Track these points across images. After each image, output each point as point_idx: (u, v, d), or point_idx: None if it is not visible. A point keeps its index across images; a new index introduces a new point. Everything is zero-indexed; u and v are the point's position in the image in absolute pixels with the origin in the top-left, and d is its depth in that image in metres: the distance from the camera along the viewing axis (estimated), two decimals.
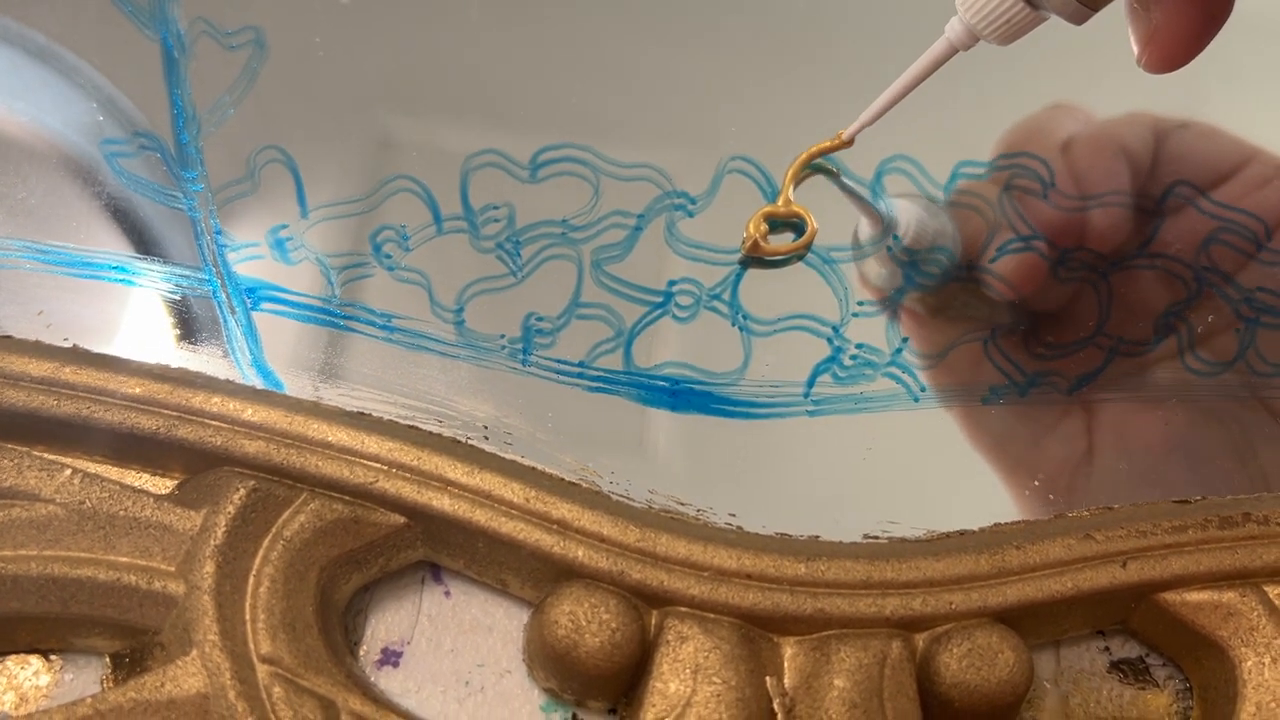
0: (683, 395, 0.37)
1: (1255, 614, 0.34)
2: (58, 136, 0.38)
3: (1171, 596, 0.34)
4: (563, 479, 0.35)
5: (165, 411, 0.33)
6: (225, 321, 0.36)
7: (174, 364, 0.35)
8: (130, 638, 0.32)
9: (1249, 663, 0.34)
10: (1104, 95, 0.40)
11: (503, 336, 0.37)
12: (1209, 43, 0.33)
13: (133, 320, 0.36)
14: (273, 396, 0.35)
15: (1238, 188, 0.41)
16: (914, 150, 0.40)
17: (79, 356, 0.34)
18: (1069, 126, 0.41)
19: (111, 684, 0.32)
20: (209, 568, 0.32)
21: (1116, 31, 0.34)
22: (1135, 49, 0.34)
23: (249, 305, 0.37)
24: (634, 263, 0.38)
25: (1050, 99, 0.41)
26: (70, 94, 0.39)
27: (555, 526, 0.33)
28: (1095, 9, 0.33)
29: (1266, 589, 0.34)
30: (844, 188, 0.40)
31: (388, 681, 0.34)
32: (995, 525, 0.35)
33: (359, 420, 0.34)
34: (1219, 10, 0.33)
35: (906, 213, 0.39)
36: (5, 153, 0.38)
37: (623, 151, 0.40)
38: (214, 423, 0.33)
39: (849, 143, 0.39)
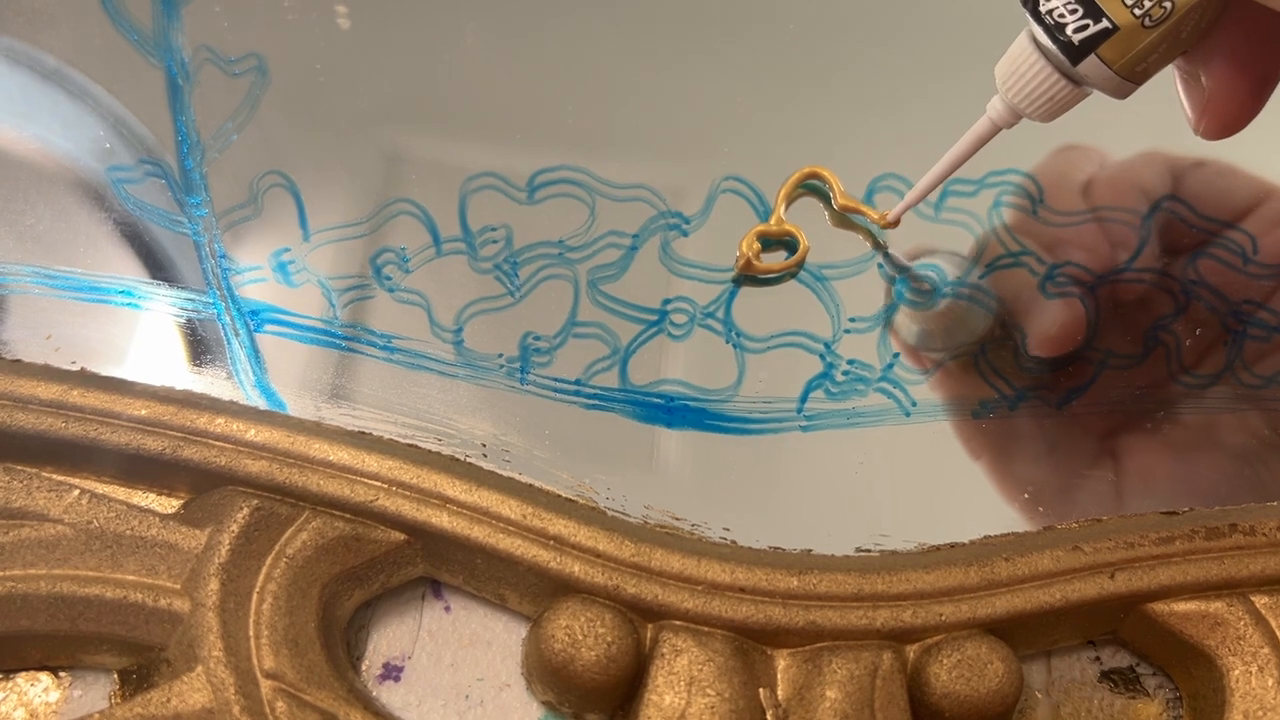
0: (678, 412, 0.38)
1: (1242, 623, 0.35)
2: (66, 157, 0.39)
3: (1160, 607, 0.35)
4: (559, 495, 0.35)
5: (171, 433, 0.34)
6: (229, 344, 0.37)
7: (179, 386, 0.36)
8: (137, 654, 0.33)
9: (1236, 671, 0.34)
10: (1101, 118, 0.41)
11: (501, 356, 0.38)
12: (1265, 104, 0.33)
13: (139, 343, 0.37)
14: (275, 417, 0.35)
15: (1254, 225, 0.41)
16: (903, 169, 0.40)
17: (87, 379, 0.35)
18: (1086, 169, 0.41)
19: (119, 700, 0.33)
20: (213, 585, 0.32)
21: None
22: (1191, 118, 0.34)
23: (252, 327, 0.37)
24: (629, 282, 0.39)
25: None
26: (79, 115, 0.40)
27: (552, 542, 0.34)
28: (1138, 83, 0.33)
29: (1253, 598, 0.35)
30: (890, 262, 0.40)
31: (389, 696, 0.34)
32: (985, 538, 0.36)
33: (360, 439, 0.35)
34: (1271, 72, 0.33)
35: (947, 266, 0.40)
36: (15, 176, 0.39)
37: (618, 173, 0.40)
38: (218, 443, 0.34)
39: (894, 224, 0.40)
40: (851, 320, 0.39)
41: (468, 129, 0.41)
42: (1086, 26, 0.32)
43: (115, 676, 0.33)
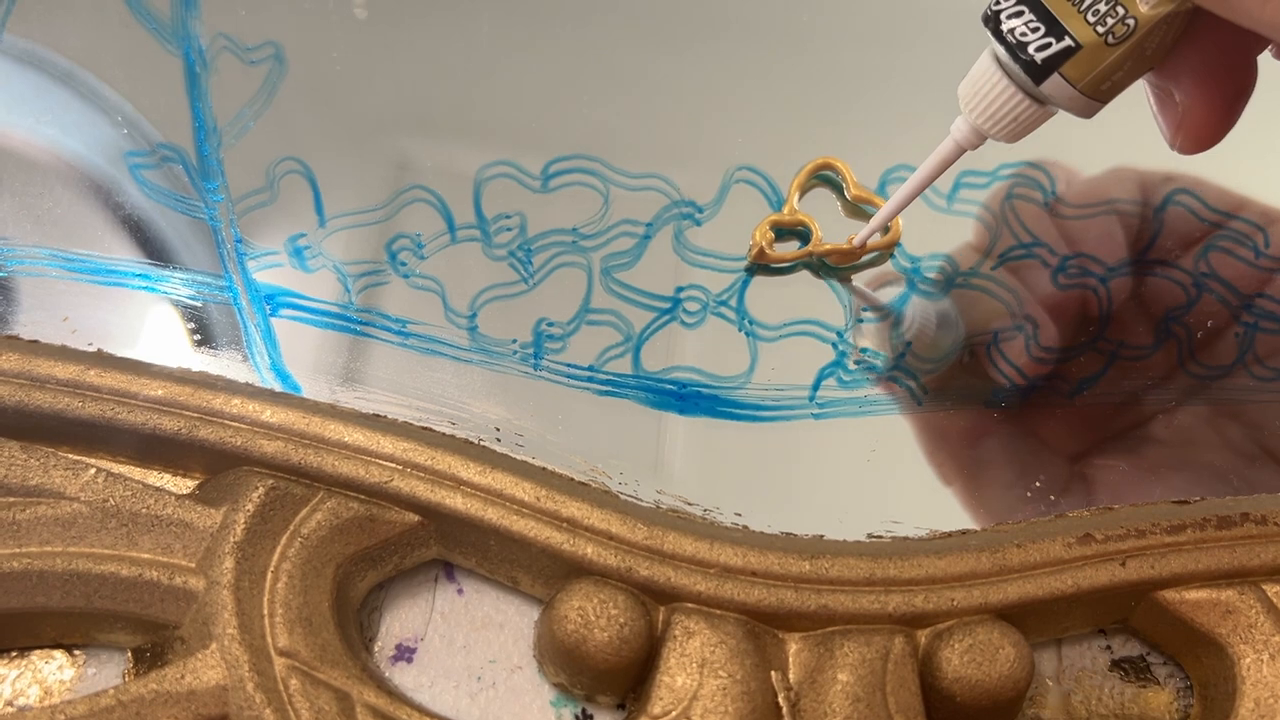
0: (690, 398, 0.38)
1: (1253, 611, 0.35)
2: (80, 158, 0.39)
3: (1171, 595, 0.35)
4: (572, 479, 0.35)
5: (187, 413, 0.34)
6: (245, 327, 0.37)
7: (195, 367, 0.36)
8: (151, 632, 0.33)
9: (1248, 659, 0.34)
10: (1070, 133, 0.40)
11: (515, 341, 0.38)
12: (1240, 116, 0.33)
13: (155, 325, 0.37)
14: (291, 399, 0.36)
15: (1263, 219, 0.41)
16: (916, 160, 0.40)
17: (103, 360, 0.35)
18: (1055, 187, 0.41)
19: (133, 678, 0.33)
20: (228, 564, 0.33)
21: None
22: (1166, 134, 0.34)
23: (268, 311, 0.38)
24: (643, 270, 0.39)
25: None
26: (93, 116, 0.40)
27: (565, 525, 0.34)
28: (1104, 102, 0.32)
29: (1265, 587, 0.35)
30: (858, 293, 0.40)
31: (401, 677, 0.34)
32: (996, 525, 0.36)
33: (374, 422, 0.35)
34: (1244, 83, 0.32)
35: (913, 308, 0.40)
36: (30, 170, 0.39)
37: (632, 163, 0.41)
38: (234, 424, 0.34)
39: (859, 249, 0.39)
40: (865, 309, 0.39)
41: (483, 117, 0.41)
42: (1049, 45, 0.31)
43: (129, 655, 0.34)
